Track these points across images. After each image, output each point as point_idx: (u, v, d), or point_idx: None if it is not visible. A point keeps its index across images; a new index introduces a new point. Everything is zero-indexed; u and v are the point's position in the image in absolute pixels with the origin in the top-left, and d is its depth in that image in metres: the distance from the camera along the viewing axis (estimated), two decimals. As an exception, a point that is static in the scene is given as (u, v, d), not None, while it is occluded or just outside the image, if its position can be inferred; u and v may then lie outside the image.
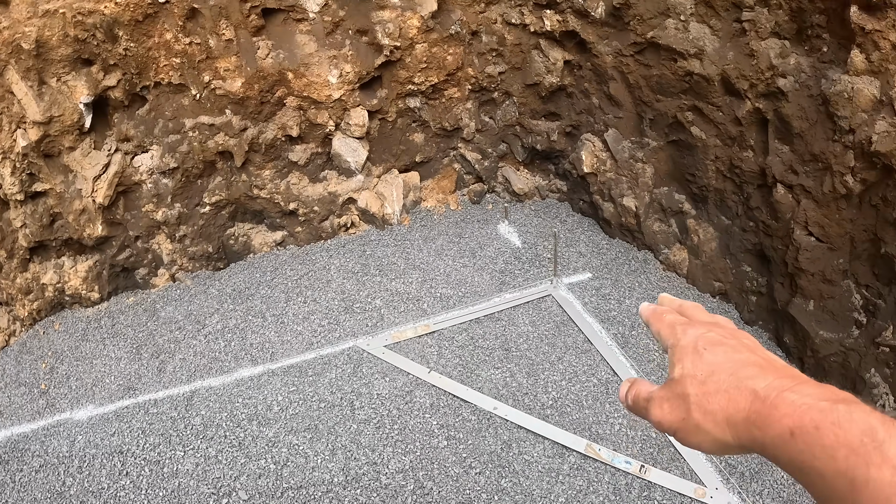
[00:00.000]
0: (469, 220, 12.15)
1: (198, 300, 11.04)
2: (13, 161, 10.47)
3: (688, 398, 0.97)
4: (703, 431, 0.94)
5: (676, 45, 9.45)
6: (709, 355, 1.01)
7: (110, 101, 10.32)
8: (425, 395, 9.24)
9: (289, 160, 11.20)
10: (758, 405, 0.88)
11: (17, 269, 11.20)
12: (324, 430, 8.89)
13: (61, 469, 9.43)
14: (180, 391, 9.64)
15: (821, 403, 0.81)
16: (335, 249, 11.57)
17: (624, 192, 11.30)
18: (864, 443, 0.72)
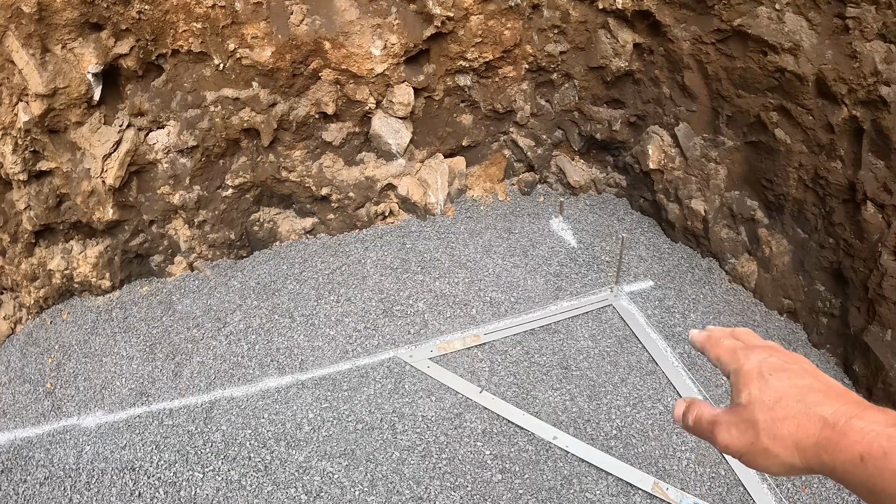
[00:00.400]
0: (519, 213, 10.92)
1: (218, 293, 9.94)
2: (14, 138, 9.23)
3: (756, 423, 0.98)
4: (772, 455, 0.95)
5: (768, 37, 8.27)
6: (774, 381, 1.02)
7: (122, 71, 9.07)
8: (476, 420, 8.15)
9: (322, 140, 9.97)
10: (827, 431, 0.89)
11: (22, 253, 10.13)
12: (361, 457, 7.85)
13: (67, 483, 8.48)
14: (198, 401, 8.61)
15: (888, 430, 0.84)
16: (371, 241, 10.39)
17: (692, 193, 10.10)
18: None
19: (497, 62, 10.25)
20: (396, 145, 10.01)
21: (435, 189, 10.31)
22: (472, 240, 10.32)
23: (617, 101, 10.73)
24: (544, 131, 11.18)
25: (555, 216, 10.93)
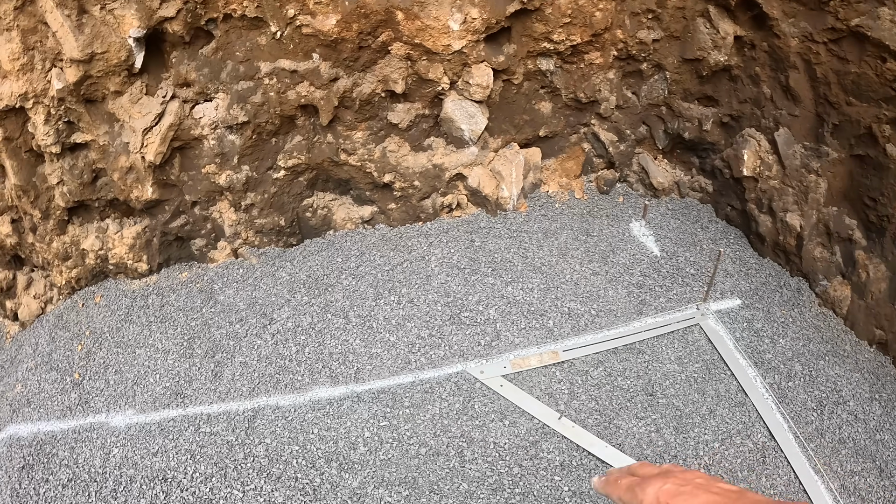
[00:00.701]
0: (596, 213, 9.81)
1: (264, 285, 8.98)
2: (47, 107, 8.18)
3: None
4: None
5: (889, 42, 7.05)
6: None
7: (167, 37, 8.02)
8: (555, 449, 7.10)
9: (387, 122, 8.91)
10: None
11: (54, 231, 9.23)
12: (424, 487, 6.86)
13: (92, 489, 7.61)
14: (240, 407, 7.67)
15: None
16: (436, 235, 9.34)
17: (788, 206, 8.93)
18: None
19: (584, 46, 9.12)
20: (470, 131, 8.93)
21: (509, 182, 9.24)
22: (547, 241, 9.24)
23: (710, 98, 9.59)
24: (628, 126, 10.05)
25: (635, 219, 9.82)
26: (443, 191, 9.40)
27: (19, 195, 9.12)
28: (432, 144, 9.22)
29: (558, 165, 10.14)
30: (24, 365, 9.22)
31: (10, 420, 8.71)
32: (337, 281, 8.91)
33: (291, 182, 9.14)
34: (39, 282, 10.05)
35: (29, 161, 9.16)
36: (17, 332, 10.11)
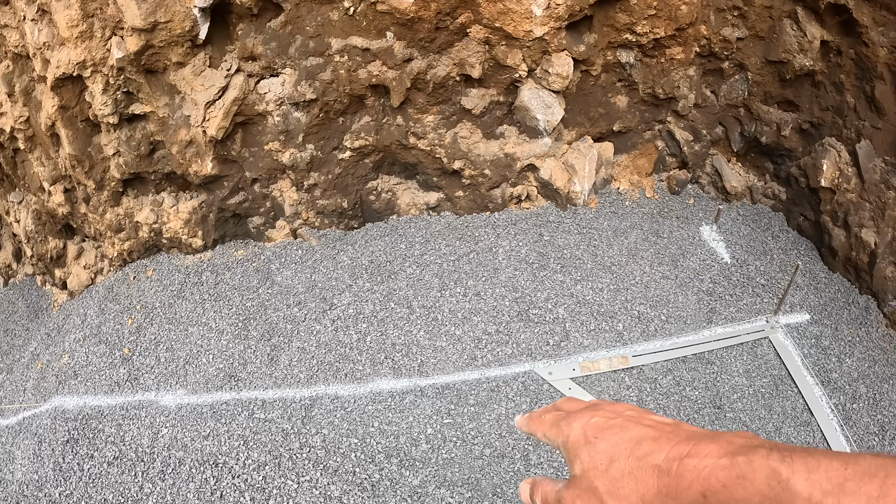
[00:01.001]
0: (667, 213, 9.32)
1: (324, 268, 8.59)
2: (106, 76, 7.91)
3: (597, 490, 0.96)
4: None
5: None
6: (601, 443, 1.00)
7: (234, 8, 7.63)
8: None
9: (460, 107, 8.49)
10: (665, 479, 0.88)
11: (108, 202, 8.94)
12: (487, 489, 6.48)
13: (139, 469, 7.31)
14: (296, 395, 7.32)
15: (721, 461, 0.84)
16: (504, 227, 8.90)
17: (864, 221, 8.42)
18: (772, 486, 0.75)
19: (667, 41, 8.64)
20: (545, 122, 8.49)
21: (581, 176, 8.79)
22: (617, 239, 8.78)
23: (791, 103, 9.08)
24: (705, 126, 9.56)
25: (706, 223, 9.34)
26: (513, 181, 8.96)
27: (74, 165, 8.83)
28: (505, 133, 8.78)
29: (630, 162, 9.67)
30: (72, 335, 8.95)
31: (56, 391, 8.45)
32: (400, 268, 8.45)
33: (357, 164, 8.75)
34: (90, 252, 9.80)
35: (84, 131, 8.87)
36: (66, 301, 9.87)
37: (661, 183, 9.89)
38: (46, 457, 7.78)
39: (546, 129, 8.57)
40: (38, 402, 8.63)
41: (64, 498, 7.37)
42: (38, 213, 9.62)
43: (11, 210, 10.06)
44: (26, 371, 9.44)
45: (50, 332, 9.67)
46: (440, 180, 8.90)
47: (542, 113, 8.46)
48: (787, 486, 0.75)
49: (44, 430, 8.08)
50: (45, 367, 9.06)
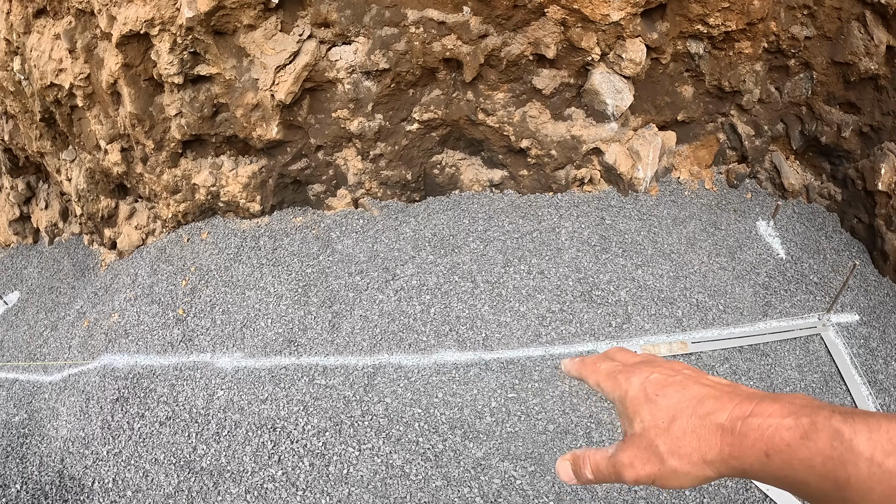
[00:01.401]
0: (724, 206, 9.19)
1: (386, 239, 8.45)
2: (174, 35, 7.79)
3: (657, 449, 0.95)
4: (683, 474, 0.92)
5: None
6: (663, 401, 0.98)
7: (311, -28, 7.63)
8: None
9: (531, 86, 8.33)
10: (728, 439, 0.87)
11: (166, 163, 8.81)
12: (550, 464, 6.30)
13: (192, 430, 7.18)
14: (359, 363, 7.18)
15: (785, 421, 0.83)
16: (566, 208, 8.75)
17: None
18: (834, 447, 0.74)
19: (737, 34, 8.51)
20: (614, 107, 8.34)
21: (645, 163, 8.64)
22: (676, 228, 8.64)
23: (853, 105, 8.95)
24: (767, 121, 9.42)
25: (763, 218, 9.21)
26: (577, 163, 8.79)
27: (133, 124, 8.70)
28: (572, 115, 8.62)
29: (691, 153, 9.51)
30: (122, 295, 8.84)
31: (105, 349, 8.33)
32: (464, 243, 8.25)
33: (424, 136, 8.60)
34: (143, 213, 9.68)
35: (147, 90, 8.73)
36: (114, 261, 9.76)
37: (720, 175, 9.75)
38: (94, 414, 7.66)
39: (614, 114, 8.42)
40: (86, 360, 8.51)
41: (112, 456, 7.25)
42: (92, 172, 9.50)
43: (63, 168, 9.95)
44: (71, 328, 9.33)
45: (97, 291, 9.56)
46: (505, 158, 8.75)
47: (612, 98, 8.31)
48: (849, 446, 0.74)
49: (92, 387, 7.97)
50: (93, 325, 8.95)
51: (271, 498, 6.34)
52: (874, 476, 0.72)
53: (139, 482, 6.94)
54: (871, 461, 0.73)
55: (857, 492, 0.74)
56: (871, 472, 0.72)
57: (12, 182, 11.28)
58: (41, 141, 9.66)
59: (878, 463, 0.72)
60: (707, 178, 9.57)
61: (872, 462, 0.73)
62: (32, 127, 9.48)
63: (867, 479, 0.72)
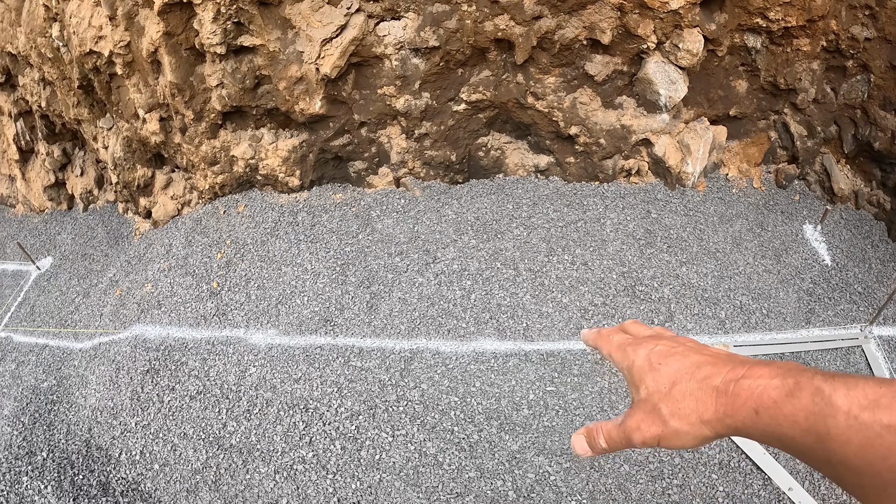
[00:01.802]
0: (772, 207, 8.86)
1: (427, 220, 8.21)
2: (218, 4, 7.57)
3: (660, 411, 1.01)
4: (684, 434, 0.98)
5: None
6: (665, 368, 1.05)
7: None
8: (716, 447, 6.28)
9: (583, 72, 8.04)
10: (723, 399, 0.93)
11: (205, 134, 8.63)
12: (586, 461, 6.03)
13: (223, 406, 7.05)
14: (396, 346, 7.00)
15: (773, 381, 0.88)
16: (612, 199, 8.47)
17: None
18: (815, 402, 0.79)
19: (796, 30, 8.17)
20: (667, 97, 8.04)
21: (695, 157, 8.34)
22: (722, 226, 8.35)
23: (910, 109, 8.63)
24: (820, 122, 9.08)
25: (810, 222, 8.89)
26: (626, 154, 8.49)
27: (173, 93, 8.51)
28: (623, 104, 8.31)
29: (741, 149, 9.18)
30: (156, 265, 8.73)
31: (138, 319, 8.23)
32: (507, 228, 7.97)
33: (470, 118, 8.34)
34: (179, 183, 9.56)
35: (188, 59, 8.54)
36: (148, 230, 9.65)
37: (769, 175, 9.43)
38: (124, 385, 7.56)
39: (666, 105, 8.13)
40: (117, 329, 8.42)
41: (140, 428, 7.14)
42: (129, 141, 9.37)
43: (100, 136, 9.84)
44: (103, 296, 9.24)
45: (130, 260, 9.46)
46: (552, 144, 8.49)
47: (666, 88, 8.01)
48: (829, 401, 0.79)
49: (122, 357, 7.86)
50: (125, 294, 8.85)
51: (301, 479, 6.19)
52: (851, 428, 0.76)
53: (167, 456, 6.83)
54: (848, 414, 0.76)
55: (836, 443, 0.77)
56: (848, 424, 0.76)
57: (48, 148, 11.21)
58: (78, 108, 9.55)
59: (854, 416, 0.76)
60: (756, 176, 9.25)
61: (849, 415, 0.76)
62: (70, 94, 9.36)
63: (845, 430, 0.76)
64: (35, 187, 11.65)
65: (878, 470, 0.74)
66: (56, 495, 6.73)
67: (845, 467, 0.77)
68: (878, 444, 0.73)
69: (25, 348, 9.20)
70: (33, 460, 7.10)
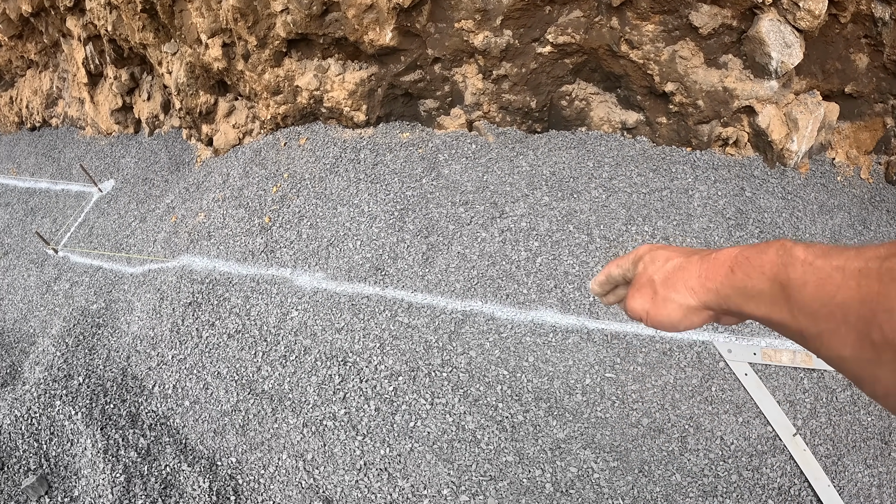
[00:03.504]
0: (878, 203, 7.74)
1: (498, 170, 7.45)
2: None
3: (653, 280, 1.11)
4: (671, 301, 1.06)
5: None
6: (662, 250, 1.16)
7: None
8: (778, 469, 5.49)
9: (687, 22, 7.12)
10: (705, 264, 1.01)
11: (268, 62, 8.12)
12: (635, 462, 5.43)
13: (260, 348, 6.66)
14: (448, 305, 6.42)
15: (748, 244, 0.97)
16: (704, 170, 7.56)
17: None
18: (779, 253, 0.88)
19: (939, -1, 7.04)
20: (779, 62, 7.05)
21: (801, 135, 7.35)
22: (822, 217, 7.35)
23: None
24: (953, 108, 7.91)
25: (925, 223, 7.79)
26: (725, 120, 7.55)
27: (236, 18, 8.00)
28: (728, 64, 7.35)
29: (852, 133, 8.08)
30: (211, 194, 8.38)
31: (187, 249, 7.90)
32: (585, 188, 7.14)
33: (555, 62, 7.55)
34: (241, 112, 9.14)
35: (254, -19, 8.10)
36: (209, 157, 9.31)
37: (879, 166, 8.30)
38: (166, 316, 7.28)
39: (777, 71, 7.13)
40: (167, 257, 8.16)
41: (177, 362, 6.86)
42: (192, 66, 9.01)
43: (164, 61, 9.52)
44: (159, 222, 9.02)
45: (189, 187, 9.17)
46: (644, 100, 7.63)
47: (778, 51, 7.01)
48: (790, 252, 0.86)
49: (167, 286, 7.58)
50: (179, 221, 8.57)
51: (328, 437, 5.77)
52: (807, 272, 0.82)
53: (198, 393, 6.53)
54: (804, 261, 0.83)
55: (795, 287, 0.83)
56: (804, 269, 0.82)
57: (116, 72, 11.00)
58: (143, 32, 9.20)
59: (809, 262, 0.82)
60: (864, 166, 8.17)
61: (805, 262, 0.83)
62: (135, 18, 9.00)
63: (801, 275, 0.82)
64: (103, 110, 11.52)
65: (831, 310, 0.78)
66: (85, 423, 6.53)
67: (804, 314, 0.82)
68: (828, 284, 0.79)
69: (80, 269, 9.10)
70: (69, 384, 6.93)
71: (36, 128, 13.22)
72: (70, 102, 12.43)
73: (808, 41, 7.35)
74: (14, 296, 9.28)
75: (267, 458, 5.96)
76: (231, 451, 6.08)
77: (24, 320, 8.71)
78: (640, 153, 7.62)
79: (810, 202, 7.57)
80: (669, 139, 7.71)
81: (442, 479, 5.37)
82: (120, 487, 6.11)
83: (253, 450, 6.03)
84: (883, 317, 0.72)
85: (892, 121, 8.32)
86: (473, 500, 5.30)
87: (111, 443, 6.39)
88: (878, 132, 8.38)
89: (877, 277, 0.74)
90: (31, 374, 7.25)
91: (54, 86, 12.63)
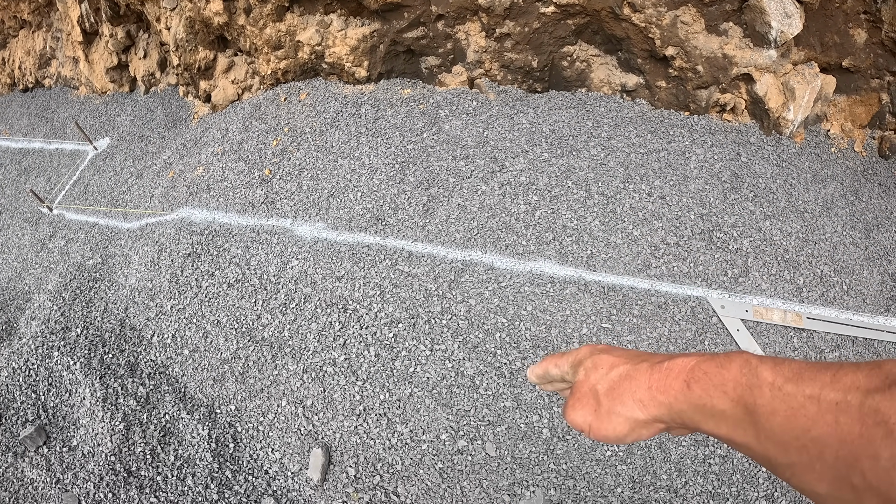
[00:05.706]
0: (870, 176, 7.90)
1: (499, 127, 7.52)
2: None
3: (596, 391, 1.02)
4: (615, 413, 0.98)
5: None
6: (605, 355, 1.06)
7: None
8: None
9: (689, -14, 7.25)
10: (656, 374, 0.93)
11: (270, 16, 8.15)
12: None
13: (260, 297, 6.73)
14: (448, 255, 6.51)
15: (704, 357, 0.90)
16: (701, 134, 7.67)
17: None
18: (743, 373, 0.81)
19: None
20: (778, 32, 7.16)
21: (798, 104, 7.48)
22: (815, 185, 7.50)
23: None
24: (945, 84, 8.07)
25: (913, 197, 7.96)
26: (723, 87, 7.66)
27: (241, -31, 8.07)
28: (728, 31, 7.45)
29: (847, 106, 8.23)
30: (210, 149, 8.40)
31: (186, 202, 7.94)
32: (584, 147, 7.23)
33: (558, 22, 7.63)
34: (241, 67, 9.15)
35: (259, -68, 8.09)
36: (206, 114, 9.32)
37: (873, 141, 8.47)
38: (164, 267, 7.32)
39: (776, 41, 7.25)
40: (165, 211, 8.19)
41: (176, 312, 6.91)
42: (192, 21, 8.99)
43: (163, 16, 9.48)
44: (156, 178, 9.02)
45: (186, 143, 9.18)
46: (644, 63, 7.72)
47: (779, 21, 7.13)
48: (755, 372, 0.79)
49: (166, 238, 7.62)
50: (177, 176, 8.59)
51: (328, 382, 5.85)
52: (776, 399, 0.75)
53: (198, 342, 6.59)
54: (773, 386, 0.76)
55: (762, 415, 0.77)
56: (773, 395, 0.76)
57: (112, 30, 10.92)
58: (145, -15, 9.19)
59: (778, 387, 0.76)
60: (858, 139, 8.34)
61: (774, 386, 0.76)
62: (135, -30, 8.98)
63: (770, 401, 0.76)
64: (98, 69, 11.45)
65: (804, 444, 0.72)
66: (84, 372, 6.58)
67: (773, 443, 0.76)
68: (801, 415, 0.73)
69: (76, 226, 9.09)
70: (67, 336, 6.96)
71: (29, 89, 13.12)
72: (64, 62, 12.35)
73: (808, 13, 7.45)
74: (8, 255, 9.27)
75: (266, 404, 6.04)
76: (230, 398, 6.16)
77: (18, 278, 8.71)
78: (638, 115, 7.71)
79: (804, 171, 7.71)
80: (668, 103, 7.81)
81: (441, 423, 5.47)
82: (119, 435, 6.16)
83: (252, 397, 6.10)
84: (866, 463, 0.65)
85: (888, 97, 8.47)
86: (472, 445, 5.40)
87: (110, 391, 6.44)
88: (874, 107, 8.53)
89: (858, 418, 0.67)
90: (28, 329, 7.27)
91: (48, 46, 12.54)
